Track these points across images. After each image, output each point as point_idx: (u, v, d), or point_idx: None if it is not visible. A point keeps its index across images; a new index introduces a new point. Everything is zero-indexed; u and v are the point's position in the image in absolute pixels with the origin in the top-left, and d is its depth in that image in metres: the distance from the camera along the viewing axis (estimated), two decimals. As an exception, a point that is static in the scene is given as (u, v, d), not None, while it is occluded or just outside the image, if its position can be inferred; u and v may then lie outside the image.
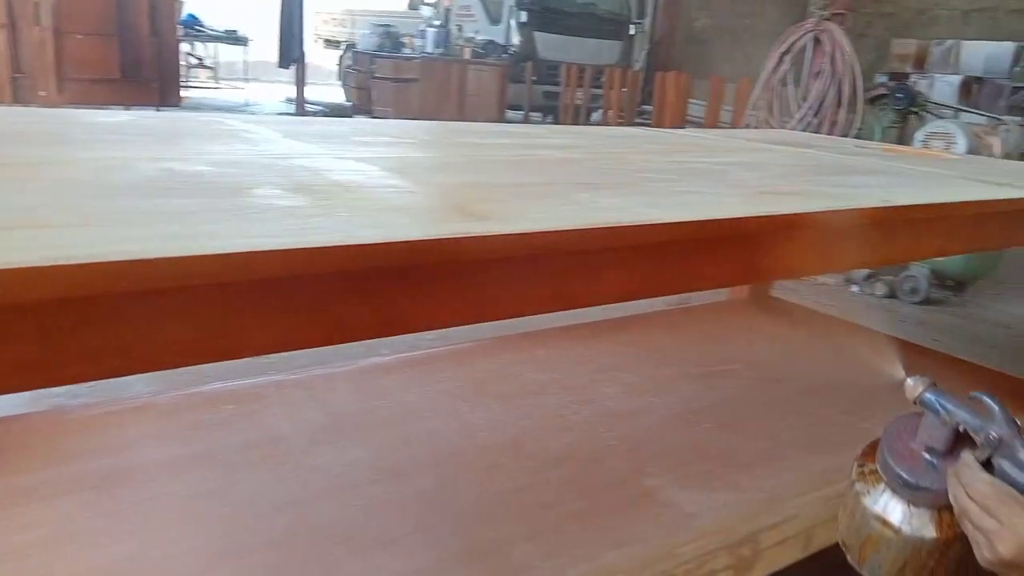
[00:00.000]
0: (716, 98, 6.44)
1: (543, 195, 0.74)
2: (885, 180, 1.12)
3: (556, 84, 8.02)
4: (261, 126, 1.10)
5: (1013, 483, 0.74)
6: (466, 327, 0.59)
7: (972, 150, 3.01)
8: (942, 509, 0.81)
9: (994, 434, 0.77)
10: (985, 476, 0.76)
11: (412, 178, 0.76)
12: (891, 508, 0.83)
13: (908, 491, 0.82)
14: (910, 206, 0.91)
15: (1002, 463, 0.77)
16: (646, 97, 8.22)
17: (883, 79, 5.60)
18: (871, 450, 0.88)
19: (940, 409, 0.84)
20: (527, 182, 0.82)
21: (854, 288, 3.38)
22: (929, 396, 0.86)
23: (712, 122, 6.51)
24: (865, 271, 3.42)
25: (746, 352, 1.71)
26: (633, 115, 8.02)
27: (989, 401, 0.81)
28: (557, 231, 0.56)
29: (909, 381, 0.89)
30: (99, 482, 0.99)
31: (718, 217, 0.71)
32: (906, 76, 8.07)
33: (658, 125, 6.36)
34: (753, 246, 0.77)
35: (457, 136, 1.28)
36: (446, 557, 0.91)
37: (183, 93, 9.58)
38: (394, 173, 0.77)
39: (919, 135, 3.12)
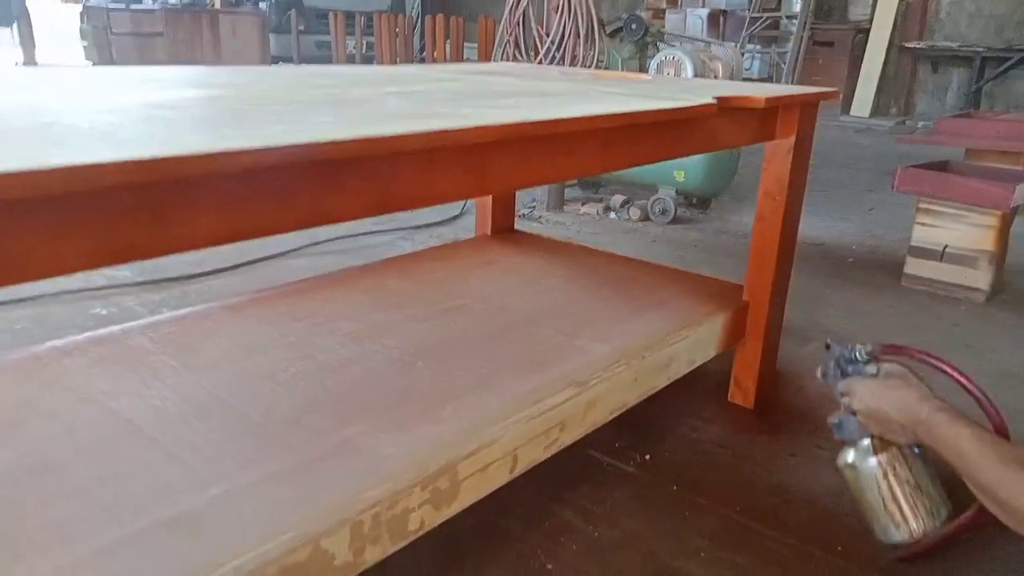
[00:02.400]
0: (485, 39, 6.47)
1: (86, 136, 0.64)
2: (551, 101, 1.13)
3: (328, 33, 7.66)
4: None
5: (853, 373, 1.17)
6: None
7: (699, 74, 3.22)
8: (874, 437, 1.12)
9: (835, 353, 1.20)
10: (842, 380, 1.18)
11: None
12: (847, 455, 1.16)
13: (842, 430, 1.17)
14: (546, 121, 0.91)
15: (847, 368, 1.18)
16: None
17: (641, 15, 5.84)
18: None
19: (828, 373, 1.21)
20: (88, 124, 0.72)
21: (612, 215, 3.55)
22: (820, 372, 1.23)
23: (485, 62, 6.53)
24: (621, 199, 3.60)
25: (479, 287, 1.72)
26: (410, 62, 7.86)
27: (832, 343, 1.21)
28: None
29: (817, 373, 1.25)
30: None
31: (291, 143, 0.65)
32: (662, 12, 8.58)
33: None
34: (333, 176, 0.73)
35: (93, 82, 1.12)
36: (99, 550, 0.81)
37: None
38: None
39: (653, 63, 3.29)
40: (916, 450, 1.11)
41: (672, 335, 1.50)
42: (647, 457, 1.54)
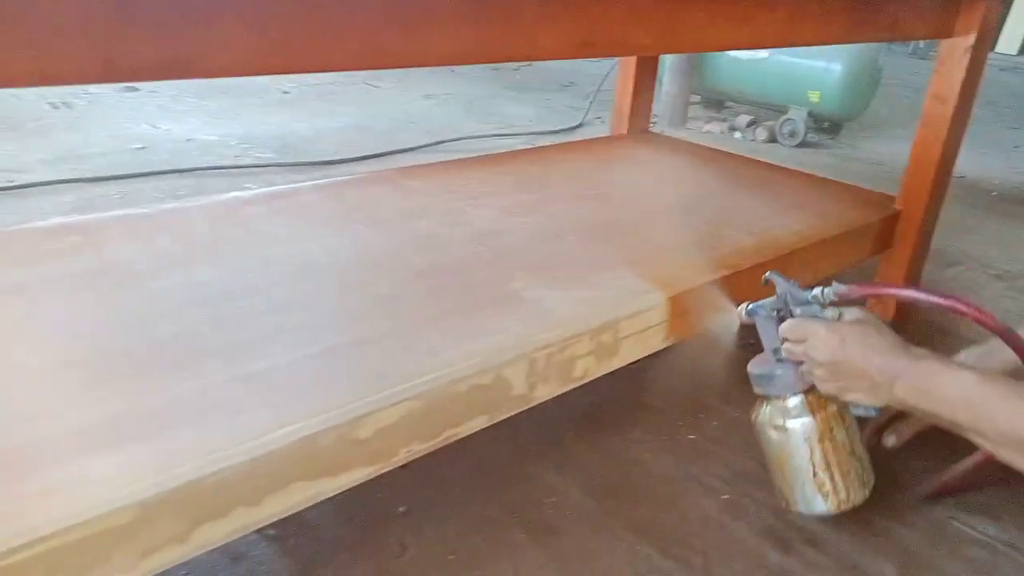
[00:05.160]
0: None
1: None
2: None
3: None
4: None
5: (806, 315, 0.97)
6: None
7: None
8: (807, 393, 0.97)
9: (780, 289, 0.98)
10: (785, 323, 0.97)
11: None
12: (773, 412, 1.01)
13: (772, 384, 1.00)
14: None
15: (794, 309, 0.97)
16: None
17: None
18: None
19: (760, 311, 1.01)
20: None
21: (737, 135, 3.45)
22: (750, 307, 1.03)
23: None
24: (747, 119, 3.49)
25: (619, 178, 1.73)
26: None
27: (773, 275, 0.99)
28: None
29: (738, 310, 1.06)
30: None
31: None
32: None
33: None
34: None
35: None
36: (309, 355, 0.90)
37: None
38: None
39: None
40: (856, 412, 0.97)
41: (821, 234, 1.48)
42: (781, 355, 1.54)
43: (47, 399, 0.78)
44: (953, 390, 0.82)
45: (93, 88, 3.23)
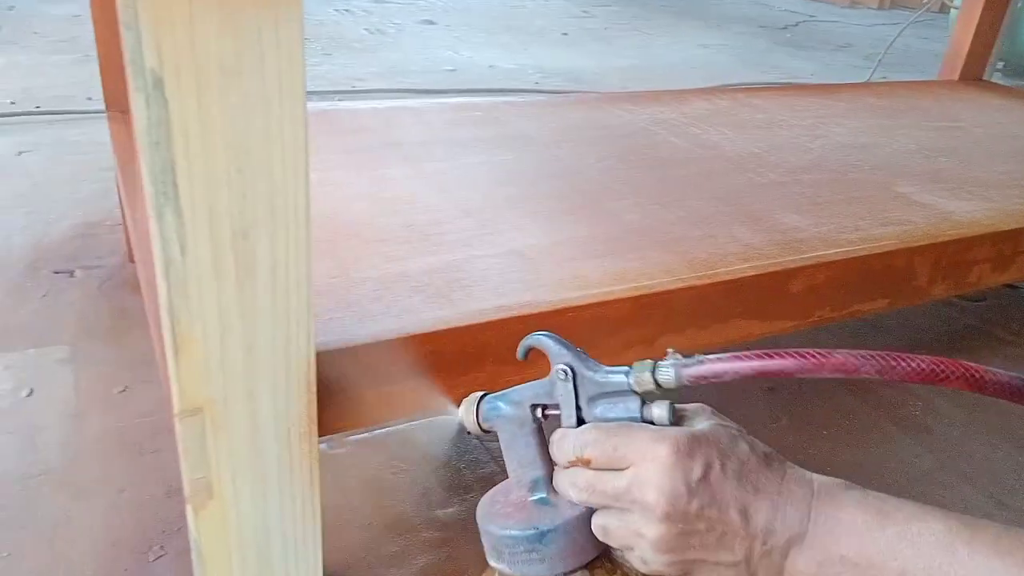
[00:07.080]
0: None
1: None
2: None
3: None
4: None
5: (615, 417, 0.50)
6: None
7: None
8: (593, 567, 0.51)
9: (563, 365, 0.50)
10: (582, 429, 0.50)
11: None
12: None
13: (534, 555, 0.50)
14: None
15: (593, 408, 0.51)
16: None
17: None
18: None
19: (504, 411, 0.54)
20: None
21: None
22: (489, 400, 0.55)
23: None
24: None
25: (971, 114, 1.64)
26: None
27: (542, 338, 0.52)
28: None
29: (461, 409, 0.57)
30: (392, 150, 1.09)
31: None
32: None
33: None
34: None
35: None
36: (722, 213, 0.97)
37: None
38: None
39: None
40: None
41: None
42: None
43: (523, 222, 0.90)
44: (914, 556, 0.41)
45: (398, 19, 3.54)
